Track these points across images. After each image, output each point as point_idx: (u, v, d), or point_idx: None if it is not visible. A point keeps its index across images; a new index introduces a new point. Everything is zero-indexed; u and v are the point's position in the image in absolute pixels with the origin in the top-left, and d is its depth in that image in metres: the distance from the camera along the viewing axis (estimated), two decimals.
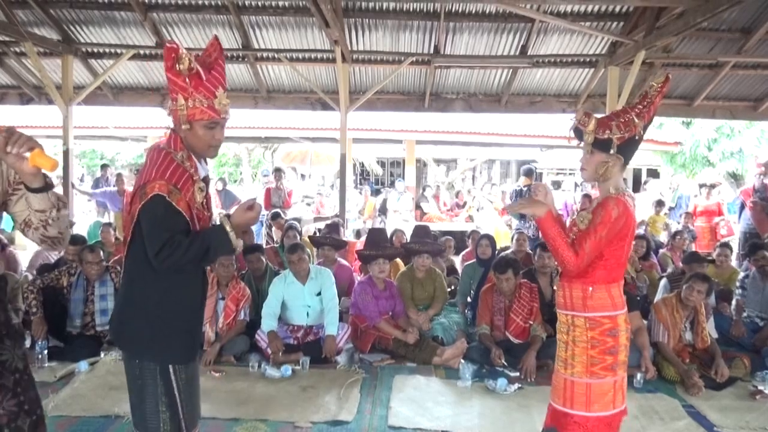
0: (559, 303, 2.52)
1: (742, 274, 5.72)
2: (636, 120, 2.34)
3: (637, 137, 2.37)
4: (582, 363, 2.39)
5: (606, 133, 2.34)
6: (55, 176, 13.78)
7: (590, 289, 2.39)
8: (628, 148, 2.39)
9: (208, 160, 2.30)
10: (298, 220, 9.34)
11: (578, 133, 2.45)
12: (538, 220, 2.40)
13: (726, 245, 6.38)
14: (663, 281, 5.60)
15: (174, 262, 2.04)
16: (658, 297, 5.43)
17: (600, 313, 2.38)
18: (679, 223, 9.27)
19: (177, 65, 2.07)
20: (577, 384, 2.40)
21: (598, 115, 2.43)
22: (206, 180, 2.27)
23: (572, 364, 2.41)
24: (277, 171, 10.08)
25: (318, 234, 7.67)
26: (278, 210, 8.94)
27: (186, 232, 2.07)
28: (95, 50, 8.66)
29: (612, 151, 2.35)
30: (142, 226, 2.06)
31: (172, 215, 2.04)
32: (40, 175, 1.83)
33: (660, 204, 9.83)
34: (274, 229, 8.67)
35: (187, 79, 2.09)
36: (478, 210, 11.65)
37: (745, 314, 5.34)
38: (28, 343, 4.85)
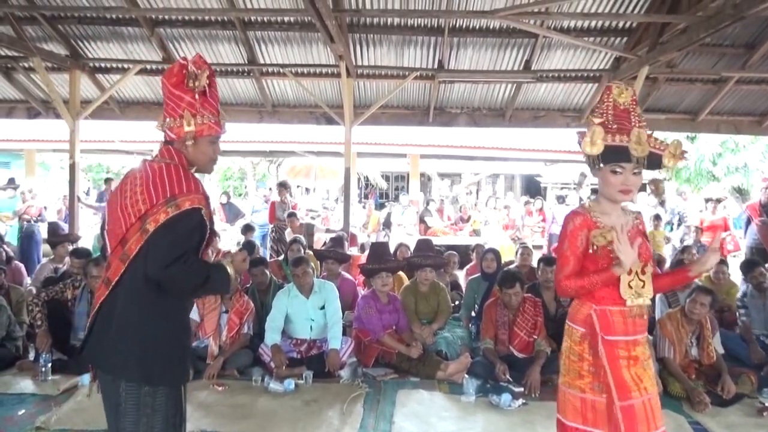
0: (645, 327, 2.43)
1: (740, 292, 5.66)
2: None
3: None
4: None
5: (685, 157, 2.37)
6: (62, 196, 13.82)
7: None
8: None
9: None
10: (311, 226, 9.38)
11: (652, 159, 2.30)
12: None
13: (723, 262, 6.33)
14: (658, 295, 5.54)
15: (177, 280, 2.00)
16: (656, 310, 5.40)
17: None
18: (683, 240, 9.27)
19: (191, 82, 2.08)
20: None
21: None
22: None
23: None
24: (282, 185, 10.11)
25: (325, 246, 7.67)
26: (293, 211, 9.00)
27: (196, 250, 2.08)
28: (102, 65, 8.73)
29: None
30: (159, 236, 1.99)
31: (198, 230, 2.05)
32: None
33: (657, 218, 9.84)
34: (287, 230, 8.71)
35: (196, 96, 2.11)
36: (485, 224, 11.66)
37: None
38: (32, 355, 4.87)
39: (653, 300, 5.48)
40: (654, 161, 2.29)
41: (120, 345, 2.04)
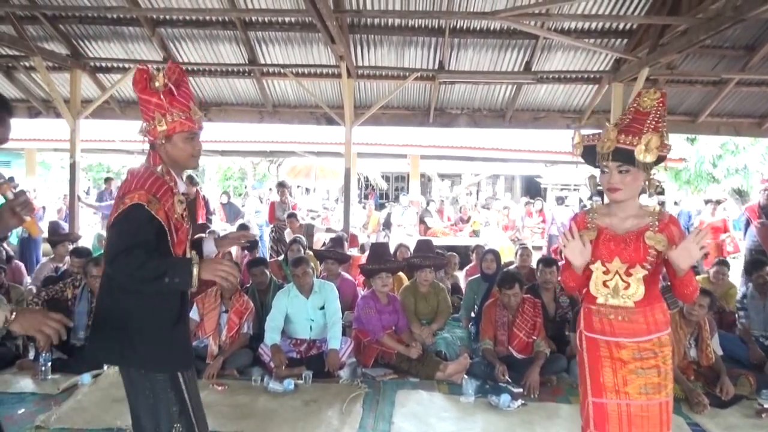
0: (638, 331, 2.36)
1: (740, 294, 5.66)
2: (666, 135, 2.28)
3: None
4: (671, 379, 2.38)
5: (668, 150, 2.27)
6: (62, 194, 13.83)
7: (664, 305, 2.43)
8: None
9: (185, 178, 2.44)
10: (311, 227, 9.39)
11: (620, 154, 2.27)
12: (688, 273, 2.27)
13: (724, 263, 6.32)
14: None
15: (126, 274, 2.07)
16: None
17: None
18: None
19: (151, 84, 2.18)
20: (670, 402, 2.37)
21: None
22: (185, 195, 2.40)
23: (666, 384, 2.36)
24: (281, 186, 10.11)
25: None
26: (293, 211, 9.01)
27: (152, 243, 2.11)
28: (103, 65, 8.74)
29: (663, 166, 2.32)
30: (109, 233, 2.16)
31: (145, 225, 2.09)
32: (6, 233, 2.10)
33: None
34: (286, 231, 8.72)
35: (161, 96, 2.18)
36: (484, 225, 11.67)
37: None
38: (32, 355, 4.88)
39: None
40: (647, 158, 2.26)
41: (101, 333, 2.24)
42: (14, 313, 1.82)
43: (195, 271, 2.07)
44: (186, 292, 2.36)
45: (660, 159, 2.27)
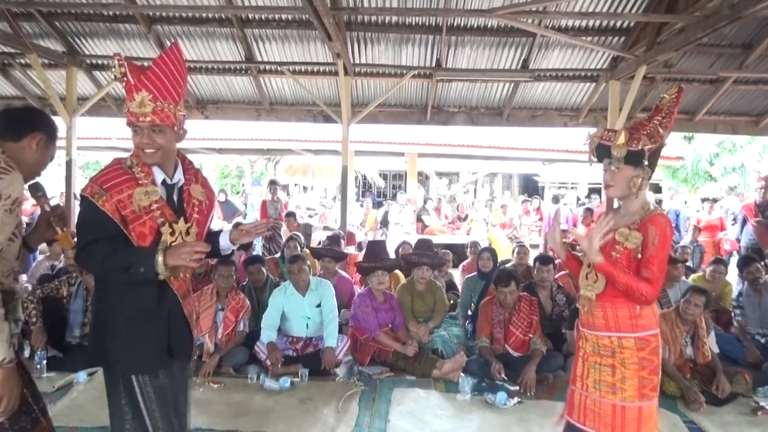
0: (596, 325, 2.41)
1: (735, 292, 5.67)
2: (660, 130, 2.32)
3: (661, 147, 2.37)
4: (634, 386, 2.32)
5: (638, 145, 2.28)
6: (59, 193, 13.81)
7: (638, 308, 2.34)
8: (654, 159, 2.37)
9: (181, 168, 2.27)
10: (309, 226, 9.39)
11: (602, 150, 2.37)
12: (599, 266, 2.29)
13: (720, 261, 6.34)
14: None
15: (91, 269, 2.15)
16: None
17: (648, 332, 2.36)
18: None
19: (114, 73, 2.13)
20: (629, 409, 2.32)
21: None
22: (179, 186, 2.25)
23: (623, 388, 2.33)
24: (272, 184, 10.09)
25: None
26: (292, 210, 9.01)
27: (114, 233, 2.05)
28: (99, 62, 8.72)
29: (645, 163, 2.31)
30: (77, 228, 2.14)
31: (96, 217, 2.03)
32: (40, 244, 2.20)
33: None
34: (284, 228, 8.72)
35: (124, 85, 2.15)
36: (489, 224, 11.69)
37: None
38: (27, 353, 4.86)
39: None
40: (633, 155, 2.31)
41: (97, 335, 2.23)
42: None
43: (160, 258, 2.02)
44: (168, 291, 2.17)
45: (635, 154, 2.29)
